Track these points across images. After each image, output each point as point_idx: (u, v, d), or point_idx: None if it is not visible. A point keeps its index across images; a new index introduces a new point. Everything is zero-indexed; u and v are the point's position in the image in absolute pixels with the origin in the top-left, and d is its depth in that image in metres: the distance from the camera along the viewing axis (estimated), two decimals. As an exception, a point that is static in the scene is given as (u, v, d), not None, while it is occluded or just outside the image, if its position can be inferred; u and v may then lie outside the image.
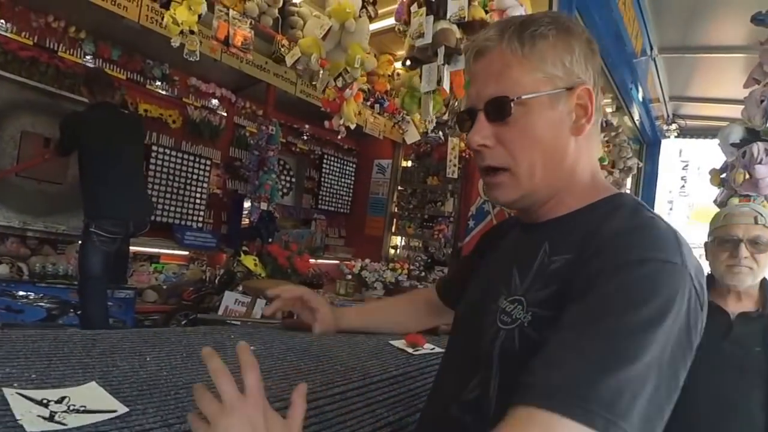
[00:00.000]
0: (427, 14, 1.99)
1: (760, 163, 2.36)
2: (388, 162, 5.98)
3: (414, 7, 2.04)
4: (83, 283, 2.81)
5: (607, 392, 0.46)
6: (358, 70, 2.61)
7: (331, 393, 0.85)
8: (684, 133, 5.64)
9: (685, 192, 6.96)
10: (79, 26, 3.50)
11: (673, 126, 5.50)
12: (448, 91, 2.24)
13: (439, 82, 2.13)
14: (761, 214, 1.50)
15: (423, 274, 4.90)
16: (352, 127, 3.14)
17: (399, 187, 5.84)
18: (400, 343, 1.37)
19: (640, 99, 4.27)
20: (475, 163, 0.70)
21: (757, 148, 2.25)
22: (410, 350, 1.33)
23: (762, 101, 2.19)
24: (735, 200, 3.21)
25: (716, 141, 4.77)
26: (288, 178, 5.55)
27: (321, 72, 2.82)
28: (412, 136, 4.16)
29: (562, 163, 0.64)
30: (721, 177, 3.21)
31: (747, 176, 2.37)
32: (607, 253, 0.55)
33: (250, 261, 3.75)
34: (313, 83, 3.67)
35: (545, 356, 0.51)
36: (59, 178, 3.51)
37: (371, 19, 2.56)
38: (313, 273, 4.84)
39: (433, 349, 1.44)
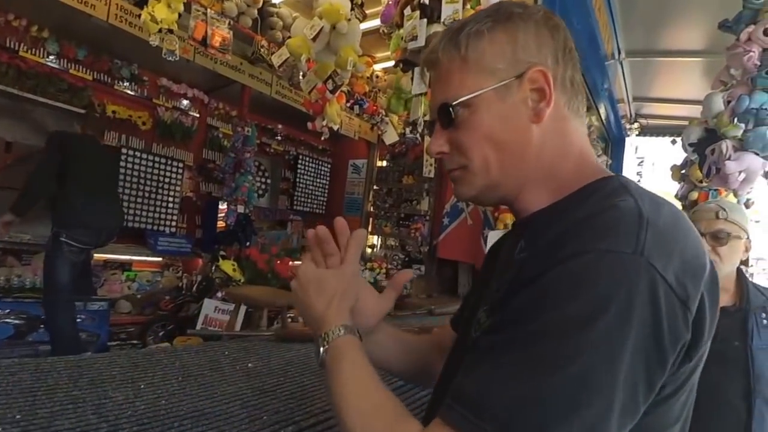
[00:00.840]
0: (420, 17, 1.98)
1: (729, 159, 2.45)
2: (364, 162, 5.99)
3: (407, 10, 2.04)
4: (51, 296, 2.68)
5: (506, 409, 0.42)
6: (349, 73, 2.59)
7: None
8: (644, 131, 5.93)
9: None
10: (42, 25, 3.34)
11: (635, 125, 5.77)
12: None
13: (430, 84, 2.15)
14: (723, 209, 1.58)
15: (401, 273, 4.93)
16: (336, 128, 3.13)
17: (375, 187, 5.85)
18: None
19: (609, 100, 4.45)
20: None
21: (726, 145, 2.36)
22: None
23: (729, 102, 2.31)
24: (694, 194, 3.46)
25: (669, 139, 5.05)
26: (263, 180, 5.46)
27: (307, 73, 2.79)
28: (391, 137, 4.18)
29: (523, 153, 0.60)
30: (681, 173, 3.43)
31: (715, 171, 2.49)
32: (547, 251, 0.49)
33: (228, 266, 3.67)
34: (292, 84, 3.63)
35: (468, 362, 0.49)
36: (21, 184, 3.32)
37: (360, 21, 2.55)
38: (292, 275, 4.79)
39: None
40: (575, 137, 0.62)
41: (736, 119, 2.36)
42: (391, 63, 2.95)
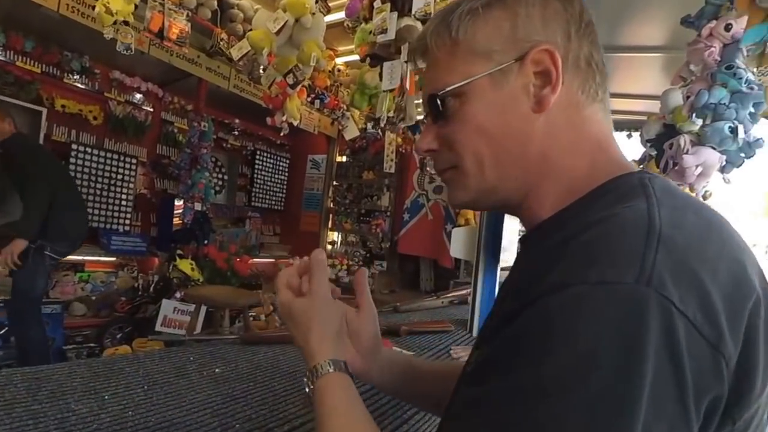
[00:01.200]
0: (390, 10, 1.94)
1: (686, 153, 2.48)
2: (323, 157, 5.97)
3: (377, 3, 1.99)
4: (26, 306, 2.60)
5: None
6: (311, 68, 2.56)
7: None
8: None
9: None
10: (-14, 14, 3.14)
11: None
12: (408, 89, 2.27)
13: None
14: None
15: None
16: (296, 123, 3.11)
17: (334, 183, 5.85)
18: None
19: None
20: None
21: (684, 140, 2.41)
22: None
23: (688, 97, 2.37)
24: None
25: (625, 133, 5.35)
26: (220, 176, 5.35)
27: (268, 67, 2.75)
28: (352, 132, 4.19)
29: (524, 149, 0.51)
30: (639, 167, 3.65)
31: (672, 166, 2.56)
32: (528, 278, 0.41)
33: (186, 265, 3.60)
34: (251, 78, 3.57)
35: (443, 416, 0.46)
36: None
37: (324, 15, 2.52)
38: (251, 273, 4.75)
39: (401, 352, 1.41)
40: (591, 127, 0.51)
41: (694, 114, 2.45)
42: (355, 57, 2.94)
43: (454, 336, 1.72)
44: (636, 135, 3.37)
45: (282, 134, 3.24)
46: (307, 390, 0.54)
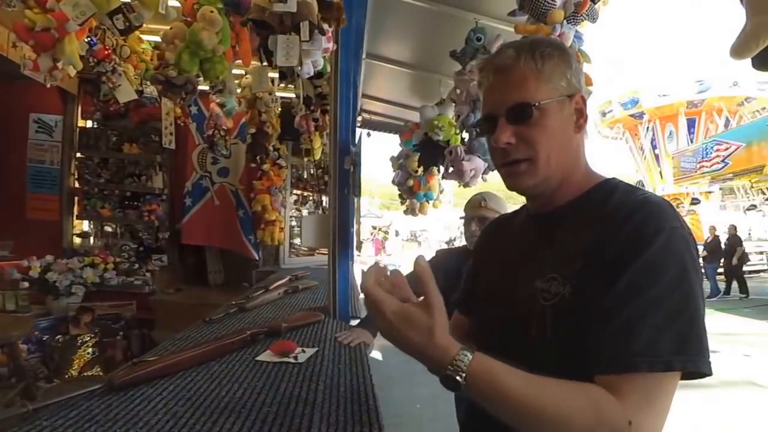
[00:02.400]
0: None
1: (463, 160, 3.13)
2: (57, 119, 4.41)
3: None
4: None
5: (674, 343, 0.61)
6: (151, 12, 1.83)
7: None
8: (363, 124, 6.83)
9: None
10: None
11: (359, 117, 6.54)
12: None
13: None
14: (485, 200, 2.13)
15: (136, 266, 3.97)
16: (72, 73, 2.26)
17: (79, 155, 4.46)
18: (267, 356, 1.35)
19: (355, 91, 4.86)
20: (495, 160, 0.83)
21: (460, 149, 3.04)
22: (290, 359, 1.33)
23: (459, 116, 2.92)
24: (411, 181, 4.31)
25: (381, 133, 6.02)
26: None
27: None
28: (126, 94, 3.34)
29: (568, 154, 0.79)
30: (399, 162, 4.18)
31: (452, 168, 3.11)
32: (627, 228, 0.67)
33: None
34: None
35: (615, 329, 0.63)
36: None
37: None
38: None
39: (316, 349, 1.47)
40: (585, 149, 0.83)
41: (464, 130, 3.04)
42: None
43: (327, 325, 1.86)
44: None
45: (48, 86, 2.24)
46: (459, 378, 0.59)
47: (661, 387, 0.62)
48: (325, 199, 5.76)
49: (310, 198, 5.58)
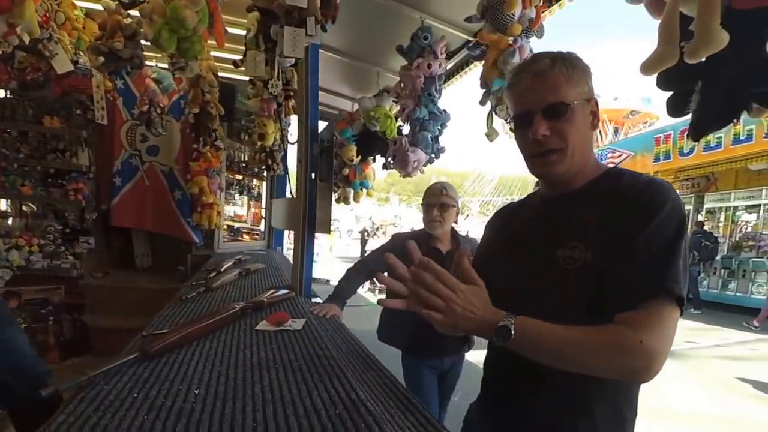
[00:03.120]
0: None
1: (407, 151, 3.31)
2: (-41, 86, 4.01)
3: None
4: None
5: (675, 279, 0.79)
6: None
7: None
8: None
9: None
10: None
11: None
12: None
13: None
14: (445, 188, 2.38)
15: (63, 248, 3.73)
16: (28, 38, 2.14)
17: (-8, 127, 4.04)
18: (265, 326, 1.45)
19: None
20: (527, 151, 0.97)
21: (404, 141, 3.17)
22: (288, 328, 1.45)
23: (403, 109, 3.09)
24: (346, 170, 4.46)
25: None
26: None
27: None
28: (63, 64, 3.13)
29: (586, 146, 0.96)
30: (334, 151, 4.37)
31: (397, 158, 3.26)
32: (640, 200, 0.85)
33: None
34: None
35: (633, 275, 0.81)
36: None
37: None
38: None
39: (305, 320, 1.58)
40: (593, 144, 1.03)
41: (407, 123, 3.20)
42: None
43: (297, 301, 1.97)
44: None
45: (1, 52, 2.08)
46: (511, 329, 0.78)
47: (665, 313, 0.78)
48: (255, 182, 5.67)
49: (241, 182, 5.43)
